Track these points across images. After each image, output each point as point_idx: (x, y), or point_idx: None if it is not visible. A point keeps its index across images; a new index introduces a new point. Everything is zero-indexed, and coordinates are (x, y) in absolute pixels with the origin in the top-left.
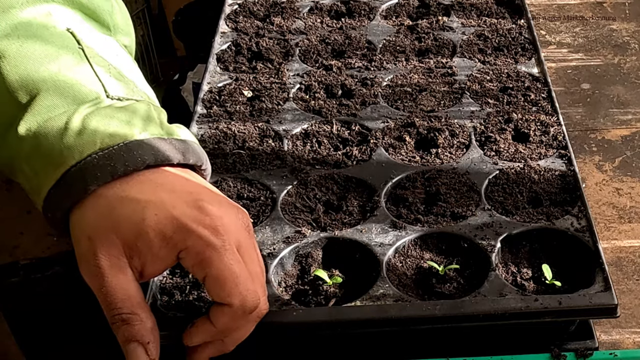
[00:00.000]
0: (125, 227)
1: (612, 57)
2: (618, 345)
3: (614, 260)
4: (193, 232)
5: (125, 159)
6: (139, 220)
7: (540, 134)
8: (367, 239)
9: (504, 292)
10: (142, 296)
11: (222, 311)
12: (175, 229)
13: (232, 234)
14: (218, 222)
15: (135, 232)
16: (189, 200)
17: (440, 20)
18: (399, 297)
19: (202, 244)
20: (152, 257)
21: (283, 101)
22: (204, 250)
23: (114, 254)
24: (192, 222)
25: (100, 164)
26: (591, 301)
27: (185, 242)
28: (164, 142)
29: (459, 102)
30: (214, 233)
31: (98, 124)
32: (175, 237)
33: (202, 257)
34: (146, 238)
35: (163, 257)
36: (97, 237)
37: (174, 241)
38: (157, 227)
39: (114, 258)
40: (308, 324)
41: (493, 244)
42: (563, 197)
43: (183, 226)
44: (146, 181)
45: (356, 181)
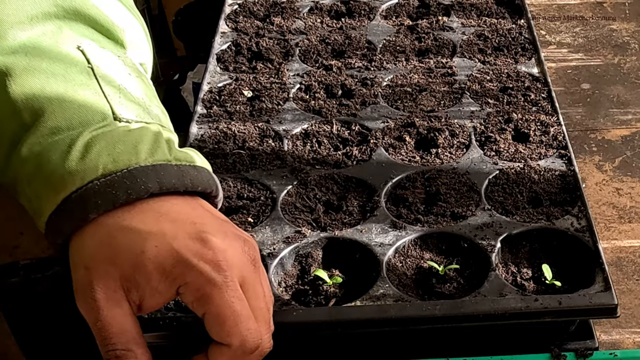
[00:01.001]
0: (124, 259)
1: (612, 57)
2: (618, 345)
3: (614, 260)
4: (193, 267)
5: (128, 186)
6: (138, 252)
7: (540, 134)
8: (367, 239)
9: (504, 292)
10: (138, 331)
11: (221, 351)
12: (175, 263)
13: (235, 268)
14: (221, 257)
15: (133, 265)
16: (191, 231)
17: (440, 20)
18: (399, 297)
19: (203, 280)
20: (151, 290)
21: (283, 101)
22: (204, 286)
23: (110, 287)
24: (193, 256)
25: (102, 191)
26: (591, 301)
27: (184, 277)
28: (171, 169)
29: (459, 102)
30: (216, 268)
31: (102, 148)
32: (175, 271)
33: (202, 294)
34: (144, 271)
35: (162, 291)
36: (95, 267)
37: (174, 275)
38: (157, 260)
39: (110, 291)
40: (308, 324)
41: (493, 244)
42: (563, 197)
43: (183, 260)
44: (149, 210)
45: (356, 181)
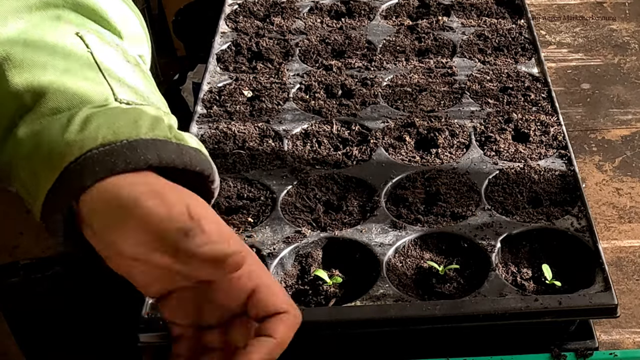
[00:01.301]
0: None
1: (612, 57)
2: (618, 345)
3: (614, 260)
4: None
5: (127, 156)
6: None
7: (540, 134)
8: (367, 239)
9: (504, 292)
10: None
11: (281, 320)
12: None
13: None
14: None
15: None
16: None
17: (440, 20)
18: (399, 297)
19: (241, 256)
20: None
21: (283, 101)
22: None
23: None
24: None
25: (100, 159)
26: (591, 301)
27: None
28: (171, 145)
29: (459, 102)
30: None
31: (102, 122)
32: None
33: (249, 270)
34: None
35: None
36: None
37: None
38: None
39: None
40: (308, 323)
41: (493, 244)
42: (563, 197)
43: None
44: (142, 183)
45: (356, 181)
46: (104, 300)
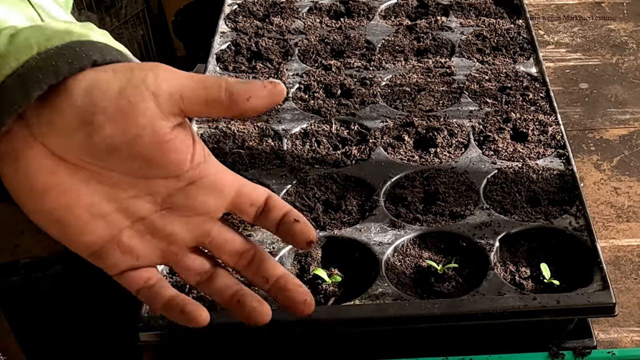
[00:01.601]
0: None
1: (610, 56)
2: (616, 344)
3: (612, 259)
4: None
5: (68, 57)
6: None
7: (539, 133)
8: (366, 238)
9: (502, 291)
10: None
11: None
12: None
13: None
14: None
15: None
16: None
17: (439, 20)
18: (398, 296)
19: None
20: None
21: (282, 101)
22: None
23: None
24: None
25: (42, 65)
26: (589, 300)
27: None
28: (111, 46)
29: (457, 102)
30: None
31: (31, 33)
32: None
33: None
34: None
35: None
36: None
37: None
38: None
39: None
40: (307, 322)
41: (492, 243)
42: (561, 197)
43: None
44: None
45: (355, 180)
46: (104, 299)
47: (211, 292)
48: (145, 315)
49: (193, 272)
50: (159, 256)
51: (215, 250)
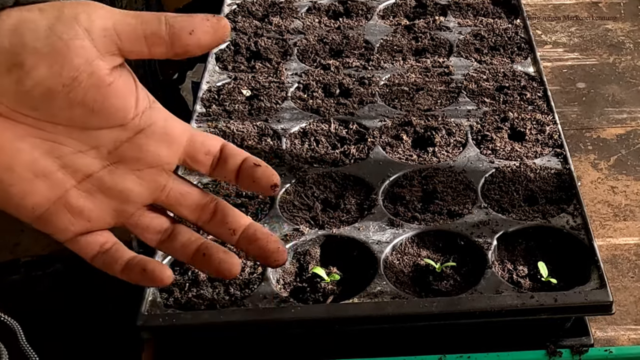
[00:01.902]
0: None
1: (607, 56)
2: (613, 342)
3: (609, 258)
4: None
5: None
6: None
7: (536, 132)
8: (365, 237)
9: (500, 290)
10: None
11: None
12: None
13: None
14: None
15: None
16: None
17: (437, 20)
18: (396, 294)
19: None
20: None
21: (281, 100)
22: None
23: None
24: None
25: None
26: (587, 298)
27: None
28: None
29: (455, 101)
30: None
31: None
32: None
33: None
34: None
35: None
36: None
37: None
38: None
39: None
40: (306, 320)
41: (489, 242)
42: (559, 195)
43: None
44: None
45: (354, 179)
46: (104, 296)
47: (174, 250)
48: (145, 313)
49: (152, 232)
50: (113, 217)
51: (174, 205)
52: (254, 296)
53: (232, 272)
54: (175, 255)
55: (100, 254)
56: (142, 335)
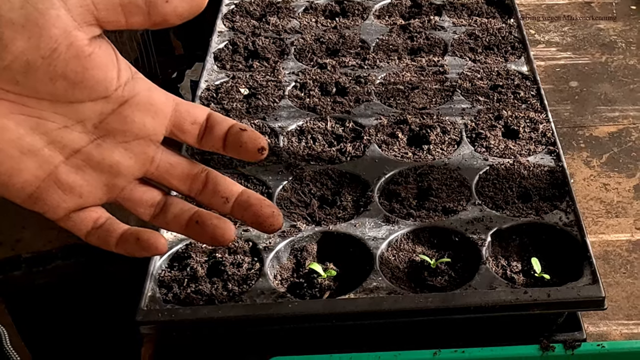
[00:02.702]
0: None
1: (599, 55)
2: (605, 336)
3: (601, 254)
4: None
5: None
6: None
7: (530, 130)
8: (361, 233)
9: (494, 285)
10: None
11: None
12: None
13: None
14: None
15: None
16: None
17: (432, 19)
18: (392, 289)
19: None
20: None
21: (279, 99)
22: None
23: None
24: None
25: None
26: (579, 294)
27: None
28: None
29: (450, 100)
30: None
31: None
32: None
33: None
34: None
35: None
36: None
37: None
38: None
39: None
40: (303, 316)
41: (483, 238)
42: (552, 192)
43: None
44: None
45: (350, 177)
46: (104, 293)
47: (168, 222)
48: (144, 309)
49: (145, 206)
50: (105, 192)
51: (164, 177)
52: (251, 292)
53: (225, 237)
54: (170, 227)
55: (95, 229)
56: (141, 330)
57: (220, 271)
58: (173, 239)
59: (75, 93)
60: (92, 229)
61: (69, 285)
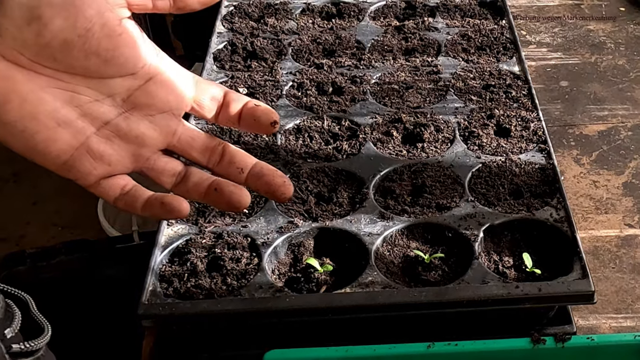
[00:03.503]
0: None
1: (589, 56)
2: (595, 330)
3: (591, 249)
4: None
5: None
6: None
7: (521, 129)
8: (357, 229)
9: (486, 280)
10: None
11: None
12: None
13: None
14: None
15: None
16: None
17: (426, 21)
18: (387, 284)
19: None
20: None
21: (276, 98)
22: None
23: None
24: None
25: None
26: (569, 288)
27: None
28: None
29: (443, 99)
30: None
31: None
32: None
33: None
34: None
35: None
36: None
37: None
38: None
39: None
40: (300, 309)
41: (476, 234)
42: (543, 189)
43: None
44: None
45: (346, 174)
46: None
47: (188, 190)
48: (146, 303)
49: (167, 175)
50: (132, 161)
51: (185, 149)
52: (250, 286)
53: (241, 202)
54: (190, 195)
55: (122, 195)
56: (142, 323)
57: (220, 266)
58: (173, 234)
59: (107, 69)
60: (120, 195)
61: (72, 280)
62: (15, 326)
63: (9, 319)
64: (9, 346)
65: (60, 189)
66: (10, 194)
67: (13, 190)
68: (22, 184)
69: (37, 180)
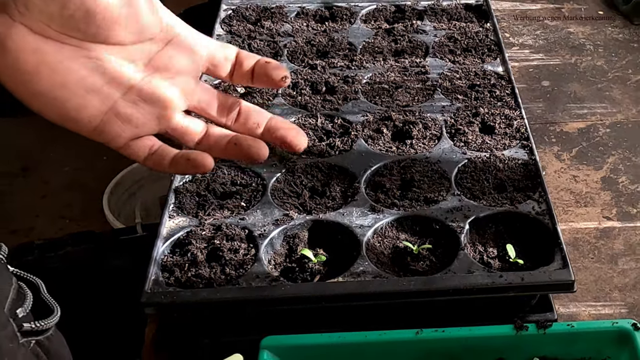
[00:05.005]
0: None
1: (569, 57)
2: (575, 317)
3: (571, 241)
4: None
5: None
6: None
7: (505, 126)
8: (349, 221)
9: (471, 270)
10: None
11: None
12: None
13: None
14: None
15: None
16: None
17: (415, 24)
18: (377, 273)
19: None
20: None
21: (272, 97)
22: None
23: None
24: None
25: None
26: (551, 277)
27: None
28: None
29: (431, 98)
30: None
31: None
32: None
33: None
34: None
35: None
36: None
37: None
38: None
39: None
40: (295, 298)
41: (462, 226)
42: (525, 184)
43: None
44: None
45: (338, 169)
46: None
47: (210, 145)
48: (148, 292)
49: (191, 133)
50: (157, 122)
51: (205, 108)
52: (247, 275)
53: (260, 155)
54: (211, 151)
55: (150, 155)
56: (145, 311)
57: (219, 256)
58: (174, 226)
59: (128, 36)
60: (149, 155)
61: (78, 270)
62: (26, 306)
63: (20, 299)
64: (20, 325)
65: (68, 183)
66: (20, 188)
67: (23, 184)
68: (31, 178)
69: (45, 175)
